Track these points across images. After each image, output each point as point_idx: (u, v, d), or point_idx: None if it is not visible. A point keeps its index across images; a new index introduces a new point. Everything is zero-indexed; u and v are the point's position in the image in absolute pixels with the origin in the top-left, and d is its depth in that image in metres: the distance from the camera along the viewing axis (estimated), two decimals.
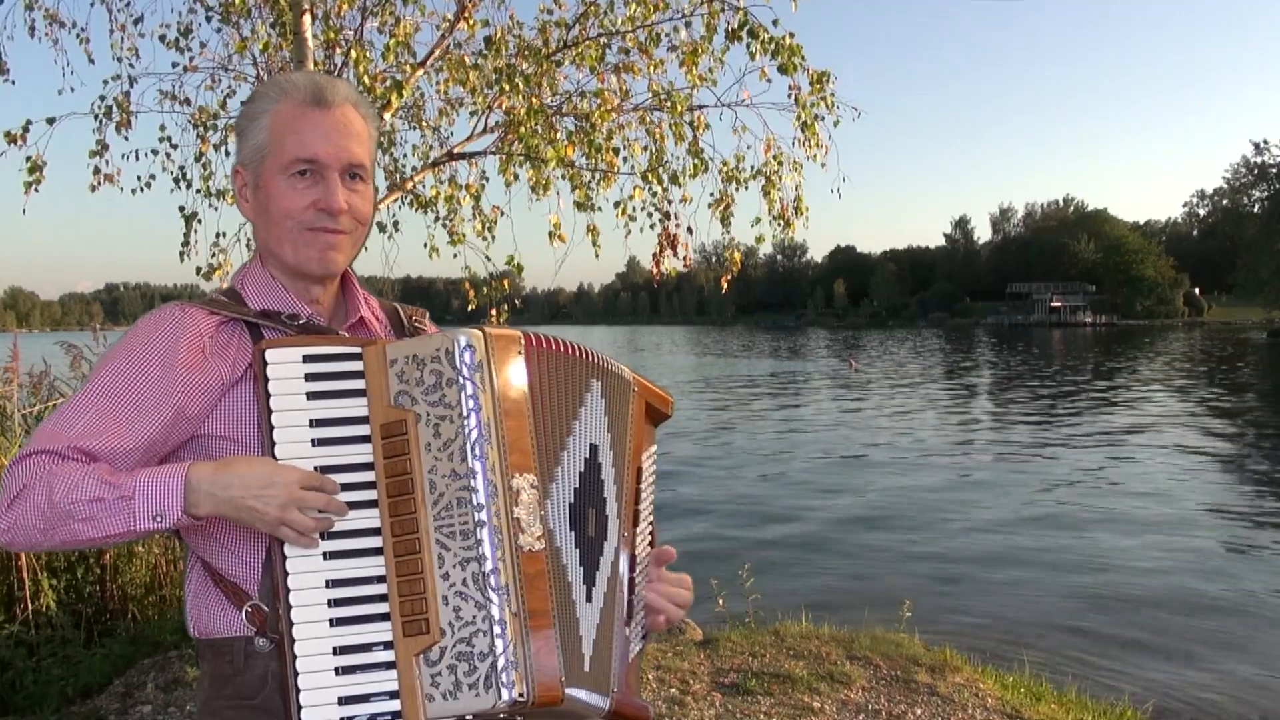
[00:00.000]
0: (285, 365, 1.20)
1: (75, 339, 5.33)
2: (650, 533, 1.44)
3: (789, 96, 4.75)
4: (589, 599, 1.27)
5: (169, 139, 5.34)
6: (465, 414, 1.17)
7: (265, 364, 1.19)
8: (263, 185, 1.30)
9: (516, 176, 5.12)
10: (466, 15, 4.63)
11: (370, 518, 1.19)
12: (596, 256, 5.15)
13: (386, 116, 4.48)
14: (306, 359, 1.21)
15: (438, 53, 4.78)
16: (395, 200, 5.40)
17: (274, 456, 1.17)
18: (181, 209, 5.36)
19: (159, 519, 1.11)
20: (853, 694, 4.08)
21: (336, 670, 1.15)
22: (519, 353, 1.24)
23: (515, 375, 1.23)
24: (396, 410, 1.20)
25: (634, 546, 1.38)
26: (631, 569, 1.37)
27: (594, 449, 1.32)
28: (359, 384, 1.22)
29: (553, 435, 1.26)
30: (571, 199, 5.02)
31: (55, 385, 5.16)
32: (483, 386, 1.18)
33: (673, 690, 4.06)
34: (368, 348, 1.23)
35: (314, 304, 1.36)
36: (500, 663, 1.12)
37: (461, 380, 1.17)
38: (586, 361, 1.33)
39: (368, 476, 1.20)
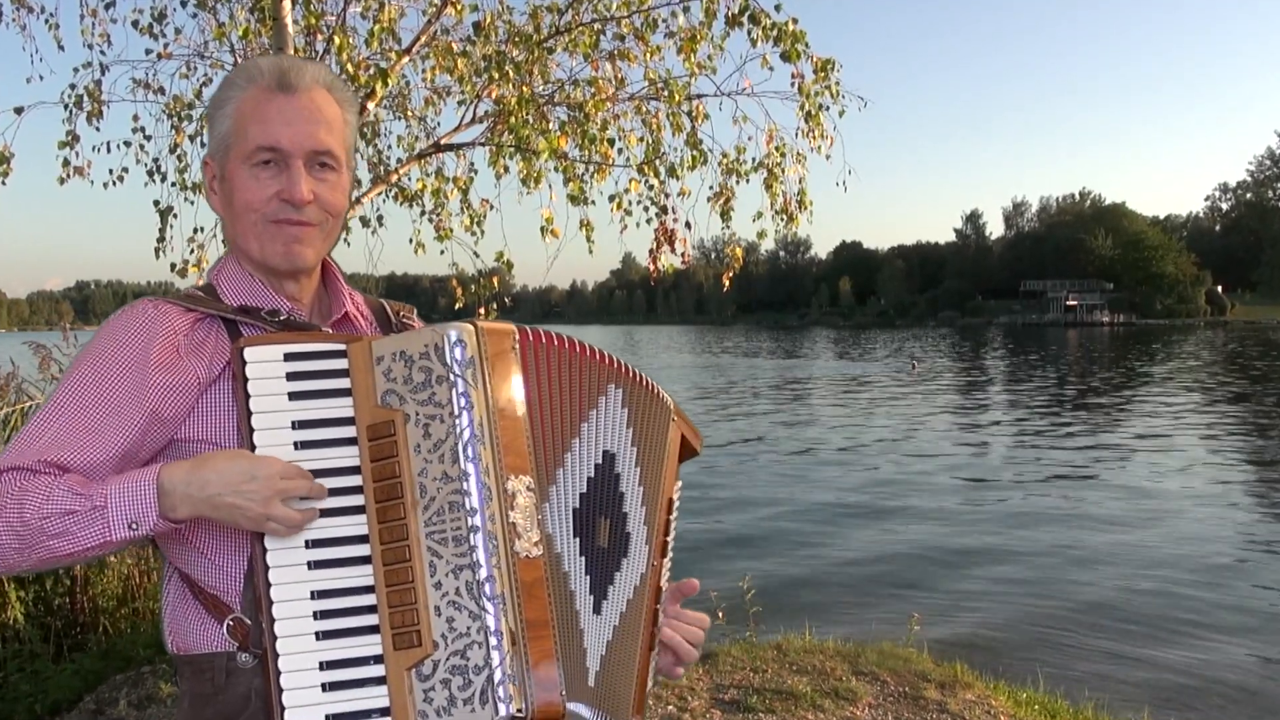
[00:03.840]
0: (265, 364, 1.15)
1: (44, 339, 5.27)
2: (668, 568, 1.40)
3: (792, 85, 4.70)
4: (597, 611, 1.21)
5: (142, 130, 5.25)
6: (456, 413, 1.12)
7: (244, 363, 1.14)
8: (228, 176, 1.26)
9: (506, 169, 5.04)
10: (454, 0, 4.50)
11: (357, 524, 1.14)
12: (590, 253, 5.05)
13: (371, 106, 4.37)
14: (288, 357, 1.16)
15: (424, 39, 4.69)
16: (379, 194, 5.28)
17: None
18: (156, 203, 5.27)
19: (135, 527, 1.07)
20: (859, 711, 4.00)
21: (324, 686, 1.10)
22: (514, 348, 1.19)
23: (510, 372, 1.18)
24: (384, 410, 1.15)
25: (661, 578, 1.34)
26: (655, 599, 1.32)
27: (609, 457, 1.27)
28: (344, 383, 1.17)
29: (553, 436, 1.20)
30: (564, 192, 4.91)
31: (23, 388, 5.04)
32: (475, 384, 1.13)
33: (670, 708, 3.96)
34: (352, 345, 1.18)
35: (292, 300, 1.30)
36: (497, 676, 1.07)
37: (452, 378, 1.12)
38: (601, 364, 1.27)
39: (354, 480, 1.15)
